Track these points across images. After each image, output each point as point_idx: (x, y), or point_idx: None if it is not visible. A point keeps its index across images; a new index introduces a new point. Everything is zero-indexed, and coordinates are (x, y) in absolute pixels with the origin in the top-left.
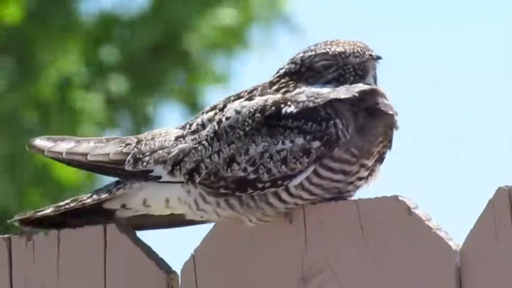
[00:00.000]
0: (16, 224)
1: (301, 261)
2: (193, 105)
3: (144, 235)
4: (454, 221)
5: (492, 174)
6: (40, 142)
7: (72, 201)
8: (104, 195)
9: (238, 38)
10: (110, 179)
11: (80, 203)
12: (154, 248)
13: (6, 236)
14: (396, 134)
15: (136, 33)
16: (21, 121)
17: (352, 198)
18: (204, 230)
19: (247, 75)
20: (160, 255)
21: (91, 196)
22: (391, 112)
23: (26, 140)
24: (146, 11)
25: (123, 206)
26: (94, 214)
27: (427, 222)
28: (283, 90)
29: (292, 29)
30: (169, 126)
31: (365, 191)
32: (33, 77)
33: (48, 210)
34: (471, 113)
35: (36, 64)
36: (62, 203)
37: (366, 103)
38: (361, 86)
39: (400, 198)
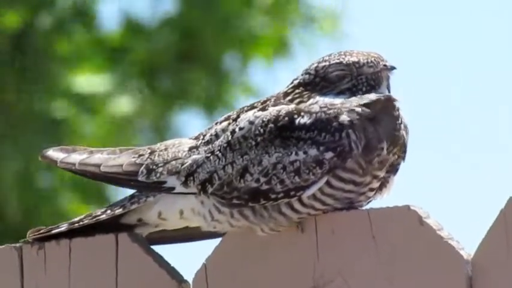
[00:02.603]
0: (30, 240)
1: (313, 270)
2: (218, 114)
3: (156, 246)
4: (465, 231)
5: (504, 184)
6: (52, 153)
7: (86, 218)
8: (118, 210)
9: (268, 45)
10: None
11: (94, 219)
12: (166, 257)
13: (18, 244)
14: (408, 144)
15: (160, 39)
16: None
17: (364, 207)
18: (216, 240)
19: (277, 84)
20: (172, 264)
21: (105, 211)
22: (397, 126)
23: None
24: (171, 17)
25: (139, 220)
26: (111, 230)
27: (438, 232)
28: (297, 100)
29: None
30: (193, 133)
31: (377, 200)
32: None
33: (62, 228)
34: (484, 121)
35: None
36: (76, 220)
37: (374, 116)
38: (372, 96)
39: (412, 207)
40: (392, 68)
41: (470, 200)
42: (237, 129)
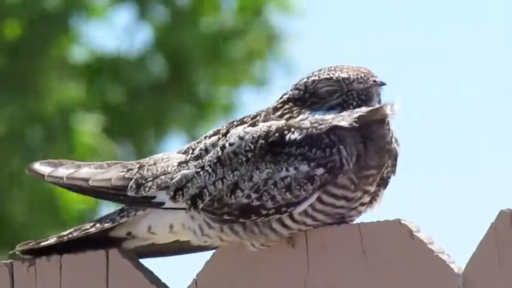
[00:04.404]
0: (18, 253)
1: (304, 285)
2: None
3: (146, 259)
4: (456, 244)
5: (495, 197)
6: (39, 167)
7: (75, 231)
8: (107, 224)
9: (243, 71)
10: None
11: (83, 232)
12: (156, 273)
13: (8, 261)
14: (399, 158)
15: (140, 68)
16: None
17: (355, 222)
18: (206, 254)
19: (252, 108)
20: (162, 278)
21: (94, 225)
22: (387, 136)
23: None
24: (151, 46)
25: (129, 233)
26: (100, 243)
27: (429, 246)
28: (287, 116)
29: (288, 68)
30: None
31: (368, 214)
32: (36, 99)
33: (51, 241)
34: (475, 135)
35: (38, 89)
36: (64, 233)
37: (364, 130)
38: (363, 110)
39: (402, 221)
40: (382, 83)
41: (461, 214)
42: (227, 145)
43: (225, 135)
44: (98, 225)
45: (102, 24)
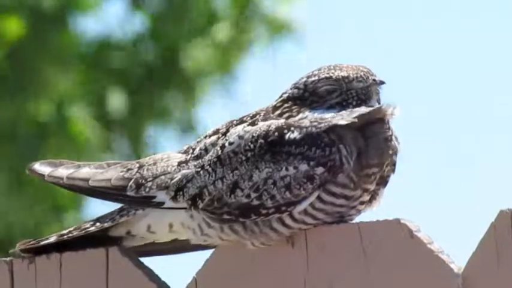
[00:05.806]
0: (18, 252)
1: (304, 284)
2: (190, 128)
3: (146, 258)
4: (456, 244)
5: (495, 197)
6: (40, 167)
7: (75, 230)
8: (107, 223)
9: (236, 57)
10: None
11: (83, 231)
12: (156, 271)
13: (8, 259)
14: (399, 156)
15: (133, 56)
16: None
17: (354, 221)
18: (205, 252)
19: (245, 95)
20: (162, 277)
21: (94, 224)
22: (389, 136)
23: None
24: (143, 34)
25: (128, 232)
26: (99, 242)
27: (429, 245)
28: (287, 115)
29: (292, 40)
30: (166, 149)
31: (368, 214)
32: (32, 96)
33: (51, 239)
34: (476, 134)
35: (34, 84)
36: (64, 232)
37: (364, 128)
38: (363, 110)
39: (402, 221)
40: (382, 82)
41: (461, 214)
42: (226, 144)
43: (224, 134)
44: (97, 224)
45: (96, 16)
